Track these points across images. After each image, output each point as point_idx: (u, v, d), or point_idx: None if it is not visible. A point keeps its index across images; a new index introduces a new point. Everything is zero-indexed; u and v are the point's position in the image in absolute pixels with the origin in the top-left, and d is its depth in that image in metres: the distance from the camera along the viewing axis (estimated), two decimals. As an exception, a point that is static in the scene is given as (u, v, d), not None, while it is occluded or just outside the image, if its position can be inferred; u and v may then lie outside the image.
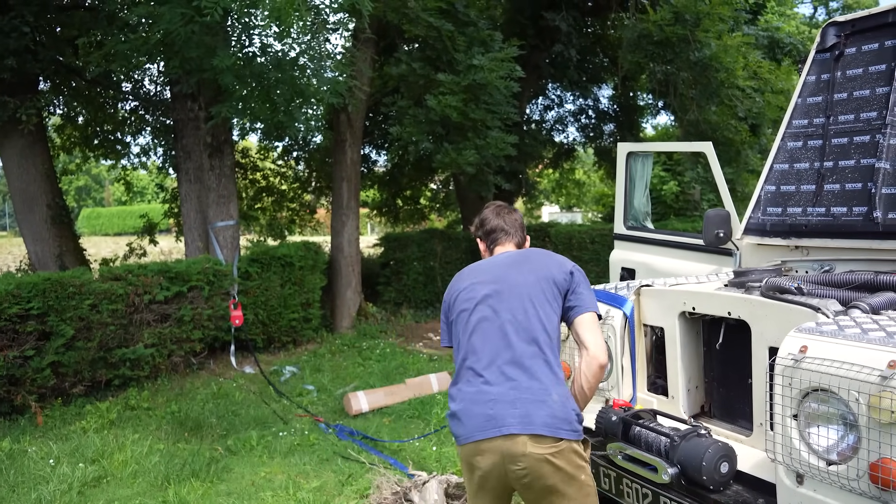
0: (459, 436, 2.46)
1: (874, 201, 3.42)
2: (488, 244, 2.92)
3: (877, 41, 3.74)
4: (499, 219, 2.92)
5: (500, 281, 2.65)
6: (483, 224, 2.94)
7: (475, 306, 2.60)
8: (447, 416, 2.57)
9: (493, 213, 2.95)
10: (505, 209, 2.97)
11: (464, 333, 2.59)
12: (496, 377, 2.44)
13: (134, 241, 12.19)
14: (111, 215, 47.35)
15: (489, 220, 2.93)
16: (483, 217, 2.96)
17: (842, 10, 24.54)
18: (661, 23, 9.89)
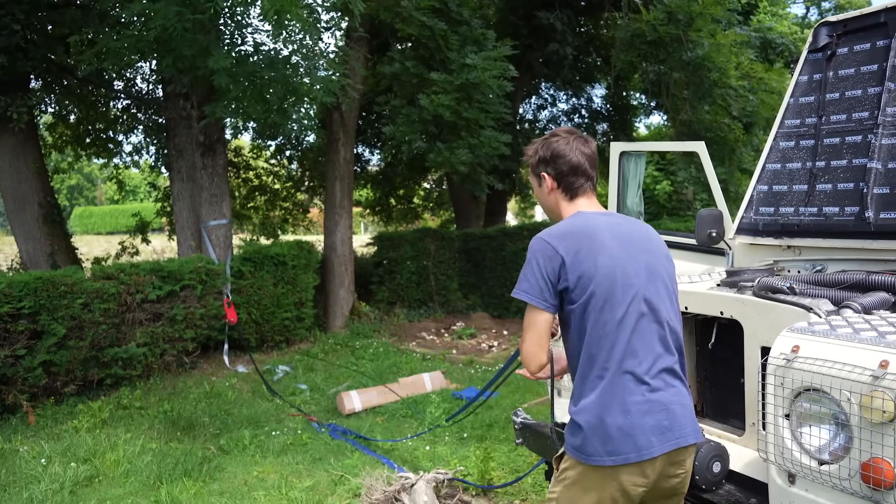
0: (621, 454, 2.04)
1: (866, 201, 3.44)
2: (564, 188, 2.29)
3: (868, 41, 3.75)
4: (580, 154, 2.27)
5: (642, 265, 2.16)
6: (557, 157, 2.27)
7: (632, 299, 2.11)
8: (586, 430, 2.06)
9: (570, 143, 2.28)
10: (581, 139, 2.30)
11: (617, 327, 2.08)
12: (660, 384, 2.11)
13: (126, 239, 12.14)
14: (103, 214, 47.12)
15: (568, 154, 2.26)
16: (556, 148, 2.28)
17: (834, 10, 24.65)
18: (655, 22, 9.90)
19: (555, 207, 2.34)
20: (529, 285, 2.11)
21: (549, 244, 2.12)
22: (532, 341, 2.13)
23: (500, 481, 4.61)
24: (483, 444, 5.21)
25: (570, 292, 2.10)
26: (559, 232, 2.15)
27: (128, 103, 11.24)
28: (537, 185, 2.37)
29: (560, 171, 2.28)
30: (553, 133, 2.34)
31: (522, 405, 6.23)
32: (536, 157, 2.33)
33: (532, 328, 2.13)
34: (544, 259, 2.11)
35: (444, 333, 10.19)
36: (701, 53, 10.02)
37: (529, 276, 2.12)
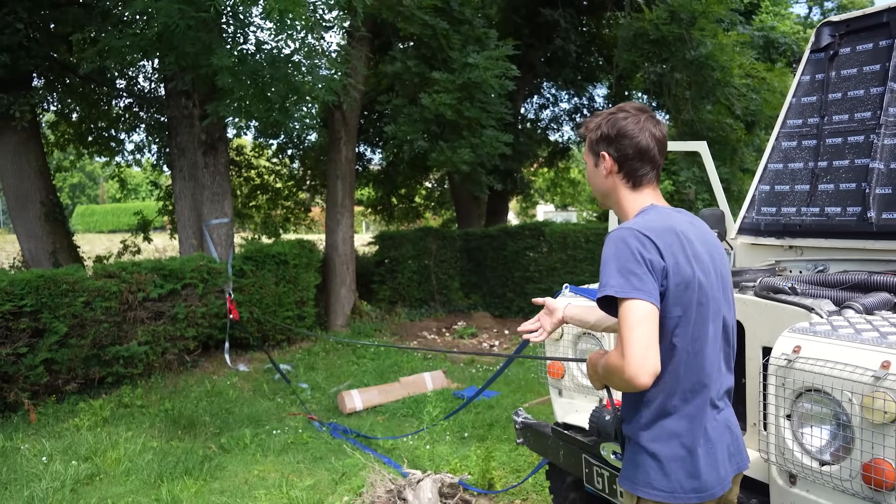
0: (708, 489, 1.85)
1: (868, 201, 3.43)
2: (626, 173, 1.97)
3: (871, 41, 3.75)
4: (650, 137, 1.95)
5: (718, 276, 1.94)
6: (623, 136, 1.95)
7: (715, 314, 1.90)
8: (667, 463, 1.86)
9: (640, 123, 1.95)
10: (652, 119, 1.98)
11: (706, 345, 1.86)
12: (723, 404, 1.96)
13: (128, 238, 12.15)
14: (105, 212, 47.20)
15: (636, 135, 1.94)
16: (623, 126, 1.95)
17: (836, 10, 24.61)
18: (657, 21, 9.89)
19: (610, 193, 2.02)
20: (637, 279, 1.73)
21: (648, 239, 1.78)
22: (642, 341, 1.70)
23: (501, 481, 4.61)
24: (484, 443, 5.20)
25: (662, 299, 1.79)
26: (654, 227, 1.82)
27: (130, 102, 11.26)
28: (592, 165, 2.05)
29: (624, 153, 1.95)
30: (620, 108, 2.00)
31: (523, 405, 6.23)
32: (598, 133, 2.00)
33: (641, 324, 1.71)
34: (646, 253, 1.77)
35: (446, 333, 10.19)
36: (704, 52, 10.01)
37: (632, 267, 1.74)
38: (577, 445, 3.07)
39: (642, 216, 1.91)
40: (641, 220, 1.87)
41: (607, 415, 2.98)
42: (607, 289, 1.75)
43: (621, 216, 2.01)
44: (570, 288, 3.55)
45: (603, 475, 2.94)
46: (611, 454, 2.84)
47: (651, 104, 15.60)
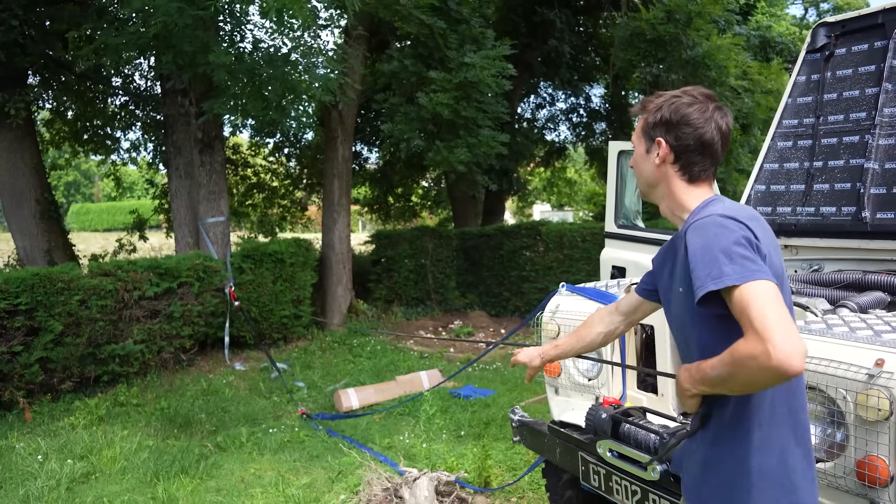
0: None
1: (863, 201, 3.45)
2: (683, 166, 1.80)
3: (866, 42, 3.77)
4: (716, 130, 1.78)
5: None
6: (685, 124, 1.77)
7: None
8: (800, 484, 1.66)
9: (707, 112, 1.77)
10: (720, 109, 1.79)
11: None
12: None
13: (123, 236, 12.13)
14: (100, 211, 47.08)
15: (701, 126, 1.76)
16: (686, 114, 1.77)
17: (832, 11, 24.69)
18: (654, 21, 9.91)
19: (658, 183, 1.85)
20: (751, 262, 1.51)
21: (744, 224, 1.59)
22: (783, 319, 1.42)
23: (498, 479, 4.62)
24: (480, 442, 5.21)
25: None
26: (743, 214, 1.64)
27: (126, 100, 11.23)
28: (643, 150, 1.87)
29: (684, 143, 1.77)
30: (686, 91, 1.81)
31: (519, 403, 6.24)
32: (657, 116, 1.81)
33: (774, 303, 1.44)
34: (750, 236, 1.57)
35: (442, 332, 10.20)
36: (700, 52, 10.04)
37: (741, 251, 1.52)
38: (574, 443, 3.08)
39: (717, 205, 1.72)
40: (723, 208, 1.67)
41: (603, 413, 3.00)
42: (725, 279, 1.49)
43: (672, 210, 1.83)
44: (567, 287, 3.57)
45: (599, 473, 2.95)
46: (607, 452, 2.86)
47: (647, 104, 15.64)
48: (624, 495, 2.83)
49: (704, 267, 1.54)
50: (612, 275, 5.02)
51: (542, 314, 3.54)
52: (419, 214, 17.48)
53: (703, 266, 1.54)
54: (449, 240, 11.61)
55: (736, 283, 1.48)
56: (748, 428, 1.64)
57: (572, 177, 22.12)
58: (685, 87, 1.83)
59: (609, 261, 5.07)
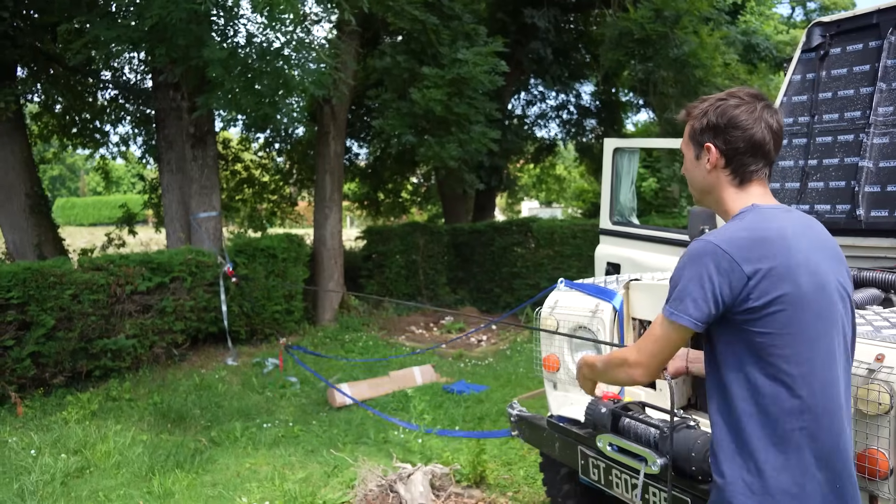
0: None
1: (857, 199, 3.50)
2: (734, 169, 1.77)
3: (861, 42, 3.82)
4: (766, 129, 1.73)
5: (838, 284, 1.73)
6: (735, 127, 1.73)
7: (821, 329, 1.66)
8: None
9: (755, 112, 1.73)
10: (769, 108, 1.76)
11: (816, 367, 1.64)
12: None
13: (112, 231, 12.05)
14: (86, 205, 46.65)
15: (750, 127, 1.72)
16: (735, 116, 1.73)
17: (819, 10, 24.89)
18: (642, 21, 9.97)
19: (711, 189, 1.82)
20: (695, 306, 1.63)
21: (727, 256, 1.61)
22: (659, 356, 1.74)
23: (493, 474, 4.65)
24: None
25: (754, 318, 1.61)
26: (740, 238, 1.64)
27: (116, 93, 11.14)
28: (692, 157, 1.85)
29: (735, 147, 1.74)
30: (731, 93, 1.78)
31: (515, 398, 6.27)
32: (704, 121, 1.79)
33: (666, 343, 1.71)
34: (718, 272, 1.62)
35: (433, 327, 10.22)
36: (687, 50, 10.10)
37: (693, 291, 1.63)
38: (573, 437, 3.11)
39: (736, 221, 1.72)
40: (729, 230, 1.68)
41: (603, 407, 3.03)
42: (664, 307, 1.71)
43: (721, 215, 1.84)
44: (566, 283, 3.59)
45: (598, 466, 2.98)
46: (607, 446, 2.89)
47: (638, 102, 15.74)
48: (624, 489, 2.86)
49: (671, 284, 1.72)
50: (606, 271, 5.06)
51: (542, 309, 3.56)
52: (408, 211, 17.48)
53: (671, 283, 1.72)
54: (440, 236, 11.63)
55: (664, 314, 1.70)
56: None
57: (562, 174, 22.18)
58: (730, 90, 1.81)
59: (604, 257, 5.11)
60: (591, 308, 3.31)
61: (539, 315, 3.57)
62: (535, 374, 3.80)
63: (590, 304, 3.33)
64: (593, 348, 3.37)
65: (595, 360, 2.01)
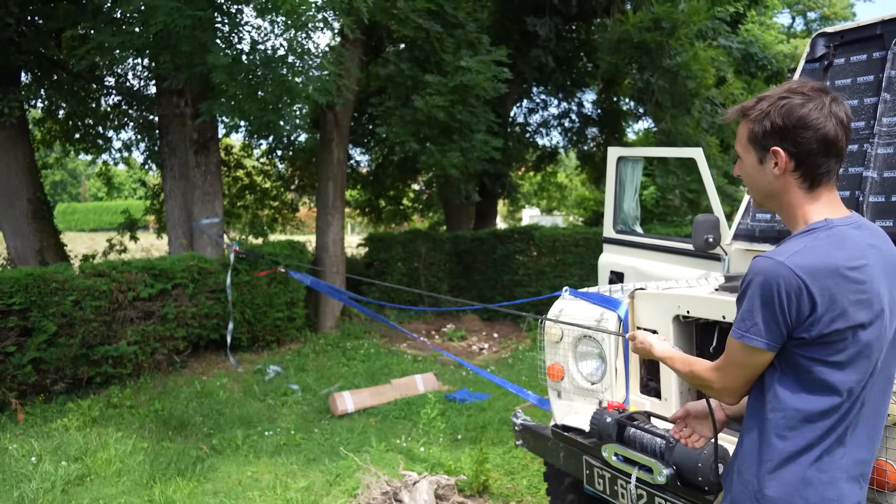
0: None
1: (862, 209, 3.49)
2: (805, 172, 1.66)
3: (865, 52, 3.82)
4: (838, 125, 1.62)
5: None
6: (806, 127, 1.61)
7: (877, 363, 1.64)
8: None
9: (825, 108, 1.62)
10: (836, 100, 1.64)
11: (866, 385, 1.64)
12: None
13: (114, 237, 12.05)
14: (87, 211, 46.69)
15: (823, 125, 1.61)
16: (804, 115, 1.62)
17: (819, 20, 24.96)
18: (640, 26, 10.00)
19: (779, 195, 1.72)
20: (768, 330, 1.60)
21: (803, 283, 1.55)
22: (745, 382, 1.70)
23: (496, 483, 4.63)
24: (477, 445, 5.22)
25: (819, 343, 1.59)
26: (813, 267, 1.56)
27: (119, 99, 11.17)
28: (755, 160, 1.73)
29: (807, 148, 1.62)
30: (793, 89, 1.65)
31: (518, 406, 6.26)
32: (767, 125, 1.66)
33: (746, 368, 1.68)
34: (795, 297, 1.56)
35: (435, 335, 10.21)
36: (680, 61, 10.14)
37: (765, 314, 1.59)
38: (579, 447, 3.10)
39: (808, 239, 1.63)
40: (800, 250, 1.59)
41: (608, 417, 3.02)
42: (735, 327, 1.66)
43: (789, 221, 1.76)
44: (571, 291, 3.59)
45: (604, 477, 2.97)
46: (612, 456, 2.88)
47: (638, 110, 15.75)
48: (629, 499, 2.85)
49: (738, 305, 1.68)
50: (610, 280, 5.04)
51: (546, 317, 3.55)
52: (410, 218, 17.48)
53: (738, 303, 1.68)
54: (442, 243, 11.63)
55: (735, 337, 1.66)
56: None
57: (563, 181, 22.19)
58: (789, 85, 1.67)
59: (607, 266, 5.10)
60: (595, 317, 3.31)
61: (544, 324, 3.56)
62: (540, 382, 3.78)
63: (595, 313, 3.32)
64: (598, 357, 3.37)
65: (674, 358, 1.93)
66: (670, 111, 10.82)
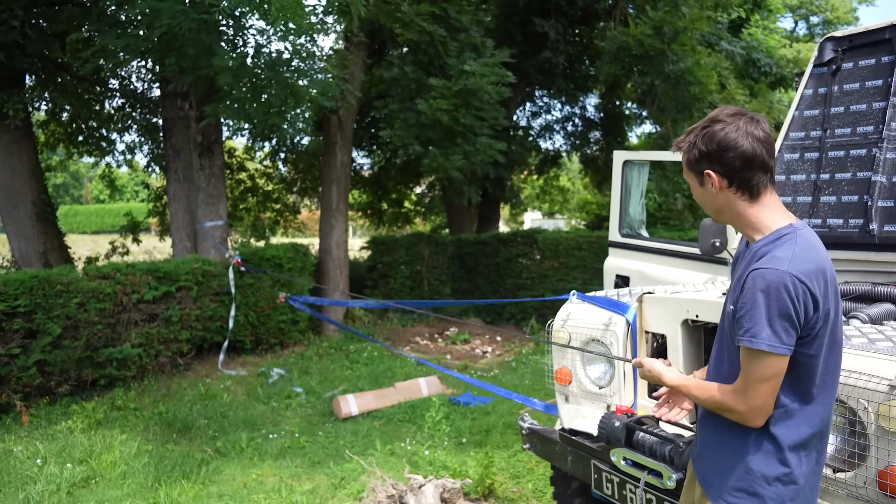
0: None
1: (870, 214, 3.49)
2: (738, 185, 1.88)
3: (873, 57, 3.82)
4: (754, 141, 1.84)
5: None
6: (726, 149, 1.84)
7: (840, 338, 1.91)
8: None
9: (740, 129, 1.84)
10: (751, 120, 1.87)
11: (831, 373, 1.89)
12: None
13: (116, 239, 12.07)
14: (89, 213, 46.71)
15: (740, 144, 1.84)
16: (723, 138, 1.85)
17: (822, 24, 24.98)
18: (641, 36, 10.01)
19: (724, 209, 1.93)
20: (787, 336, 1.75)
21: (805, 286, 1.74)
22: (772, 394, 1.80)
23: (501, 487, 4.62)
24: (482, 449, 5.21)
25: (811, 336, 1.79)
26: (808, 271, 1.76)
27: (123, 102, 11.19)
28: (696, 184, 1.96)
29: (731, 166, 1.85)
30: (713, 118, 1.89)
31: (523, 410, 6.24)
32: (696, 152, 1.90)
33: (775, 378, 1.78)
34: (802, 300, 1.74)
35: (438, 338, 10.20)
36: (683, 67, 10.14)
37: (783, 322, 1.74)
38: (587, 451, 3.09)
39: (790, 247, 1.80)
40: (793, 258, 1.77)
41: (617, 421, 3.01)
42: (758, 342, 1.75)
43: (744, 229, 1.94)
44: (578, 295, 3.58)
45: (612, 481, 2.96)
46: (621, 460, 2.87)
47: (641, 114, 15.75)
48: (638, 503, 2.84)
49: (750, 320, 1.77)
50: (615, 284, 5.04)
51: (553, 321, 3.55)
52: (412, 221, 17.48)
53: (750, 318, 1.77)
54: (445, 247, 11.62)
55: (762, 348, 1.75)
56: None
57: (565, 185, 22.19)
58: (711, 115, 1.90)
59: (613, 270, 5.09)
60: (604, 321, 3.30)
61: (551, 327, 3.56)
62: (547, 385, 3.77)
63: (603, 317, 3.32)
64: (606, 361, 3.36)
65: (688, 385, 2.00)
66: (672, 115, 10.84)
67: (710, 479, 1.96)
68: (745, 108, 9.03)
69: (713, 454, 1.96)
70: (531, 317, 10.46)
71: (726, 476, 1.90)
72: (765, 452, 1.84)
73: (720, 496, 1.91)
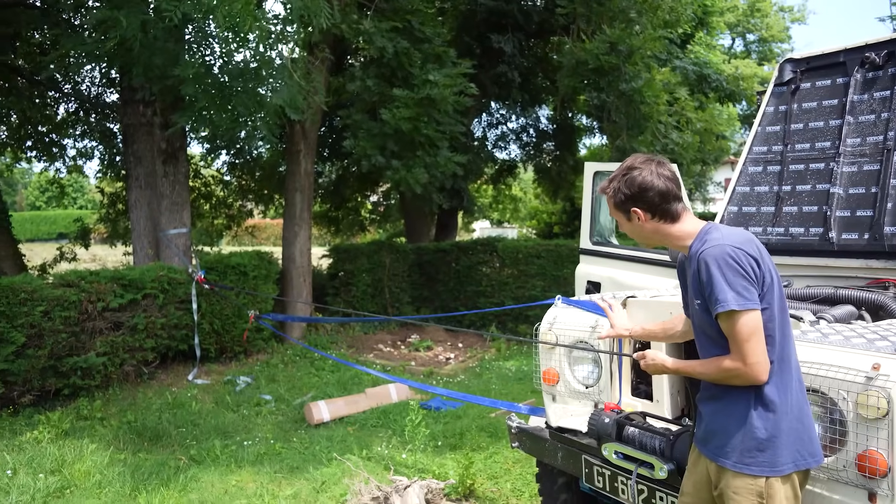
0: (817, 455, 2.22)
1: (829, 223, 3.78)
2: (661, 215, 2.27)
3: (829, 78, 4.13)
4: (666, 181, 2.25)
5: None
6: (646, 190, 2.23)
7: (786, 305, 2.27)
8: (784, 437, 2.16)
9: (653, 172, 2.25)
10: (660, 164, 2.28)
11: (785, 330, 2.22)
12: None
13: (64, 245, 11.79)
14: (23, 220, 44.85)
15: (655, 184, 2.23)
16: (641, 182, 2.23)
17: (758, 42, 26.06)
18: (597, 52, 10.35)
19: (653, 235, 2.33)
20: (749, 293, 2.07)
21: (743, 251, 2.10)
22: (761, 348, 2.10)
23: (481, 487, 4.76)
24: (458, 451, 5.34)
25: (763, 291, 2.13)
26: (740, 240, 2.14)
27: (76, 106, 10.94)
28: (625, 220, 2.35)
29: (651, 202, 2.25)
30: (629, 167, 2.30)
31: (492, 414, 6.41)
32: (621, 196, 2.29)
33: (757, 333, 2.09)
34: (746, 262, 2.09)
35: (401, 345, 10.29)
36: (635, 86, 10.54)
37: (741, 281, 2.07)
38: (578, 447, 3.26)
39: (717, 233, 2.18)
40: (723, 236, 2.15)
41: (606, 417, 3.19)
42: (728, 304, 2.06)
43: (675, 244, 2.33)
44: (563, 299, 3.76)
45: (603, 474, 3.13)
46: (613, 454, 3.05)
47: (592, 126, 16.20)
48: (630, 495, 3.01)
49: (714, 292, 2.09)
50: (587, 290, 5.24)
51: (540, 325, 3.71)
52: (367, 228, 17.51)
53: (714, 290, 2.09)
54: (406, 255, 11.73)
55: (733, 308, 2.06)
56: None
57: (517, 194, 22.55)
58: (628, 162, 2.31)
59: (584, 276, 5.29)
60: (590, 324, 3.48)
61: (539, 330, 3.72)
62: (535, 386, 3.93)
63: (589, 320, 3.50)
64: (592, 361, 3.54)
65: (692, 366, 2.31)
66: (626, 130, 11.21)
67: (722, 452, 2.20)
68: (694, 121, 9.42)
69: (720, 427, 2.22)
70: (491, 324, 10.65)
71: (737, 442, 2.16)
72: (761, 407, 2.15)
73: (739, 463, 2.16)
